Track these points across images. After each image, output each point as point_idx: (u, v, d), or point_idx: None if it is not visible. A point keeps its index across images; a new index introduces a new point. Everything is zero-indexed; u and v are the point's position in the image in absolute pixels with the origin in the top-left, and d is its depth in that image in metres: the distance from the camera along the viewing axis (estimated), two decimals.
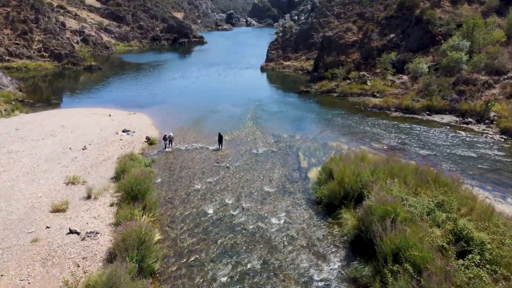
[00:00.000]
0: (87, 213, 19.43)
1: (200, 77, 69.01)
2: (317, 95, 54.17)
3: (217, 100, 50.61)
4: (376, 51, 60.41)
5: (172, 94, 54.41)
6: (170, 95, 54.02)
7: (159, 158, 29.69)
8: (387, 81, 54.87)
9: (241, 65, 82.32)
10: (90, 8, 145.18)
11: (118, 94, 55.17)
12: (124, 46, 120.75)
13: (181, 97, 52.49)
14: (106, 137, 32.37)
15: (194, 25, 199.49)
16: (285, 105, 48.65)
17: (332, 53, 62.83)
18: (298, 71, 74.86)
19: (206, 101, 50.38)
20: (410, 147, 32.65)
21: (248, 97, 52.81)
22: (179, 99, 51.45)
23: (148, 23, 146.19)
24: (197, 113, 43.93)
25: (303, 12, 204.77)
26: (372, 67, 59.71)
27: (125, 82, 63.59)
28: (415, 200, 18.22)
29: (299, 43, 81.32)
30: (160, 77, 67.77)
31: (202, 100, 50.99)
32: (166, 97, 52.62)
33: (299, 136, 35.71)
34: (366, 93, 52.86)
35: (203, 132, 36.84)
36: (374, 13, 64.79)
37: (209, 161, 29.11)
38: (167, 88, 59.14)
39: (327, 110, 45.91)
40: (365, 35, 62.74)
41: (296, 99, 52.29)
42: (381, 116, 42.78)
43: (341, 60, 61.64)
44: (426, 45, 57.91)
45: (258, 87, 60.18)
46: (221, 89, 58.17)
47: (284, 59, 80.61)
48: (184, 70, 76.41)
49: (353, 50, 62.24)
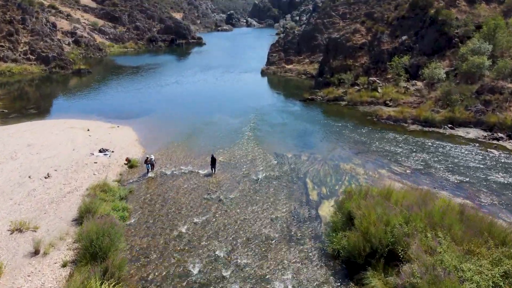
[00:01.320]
0: (28, 283, 14.42)
1: (196, 82, 64.03)
2: (323, 104, 49.15)
3: (213, 109, 45.63)
4: (386, 54, 55.40)
5: (164, 102, 49.41)
6: (162, 103, 49.02)
7: (138, 186, 24.70)
8: (400, 88, 49.86)
9: (240, 69, 77.34)
10: (85, 8, 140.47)
11: (104, 102, 50.19)
12: (118, 48, 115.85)
13: (173, 106, 47.49)
14: (78, 160, 27.37)
15: (193, 26, 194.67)
16: (288, 115, 43.64)
17: (339, 56, 57.82)
18: (301, 75, 69.86)
19: (201, 110, 45.40)
20: (437, 171, 27.62)
21: (247, 105, 47.83)
22: (171, 108, 46.45)
23: (145, 24, 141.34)
24: (190, 125, 38.95)
25: (304, 13, 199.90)
26: (383, 72, 54.71)
27: (114, 88, 58.62)
28: (474, 270, 13.22)
29: (302, 45, 76.34)
30: (152, 83, 62.78)
31: (197, 109, 46.01)
32: (157, 105, 47.62)
33: (306, 155, 30.70)
34: (378, 102, 47.85)
35: (195, 150, 31.84)
36: (384, 13, 59.80)
37: (198, 191, 24.12)
38: (159, 95, 54.14)
39: (336, 121, 40.89)
40: (374, 37, 57.75)
41: (300, 108, 47.27)
42: (397, 130, 37.74)
43: (349, 64, 56.64)
44: (442, 48, 52.90)
45: (258, 94, 55.20)
46: (218, 96, 53.18)
47: (286, 62, 75.63)
48: (179, 74, 71.43)
49: (362, 54, 57.24)
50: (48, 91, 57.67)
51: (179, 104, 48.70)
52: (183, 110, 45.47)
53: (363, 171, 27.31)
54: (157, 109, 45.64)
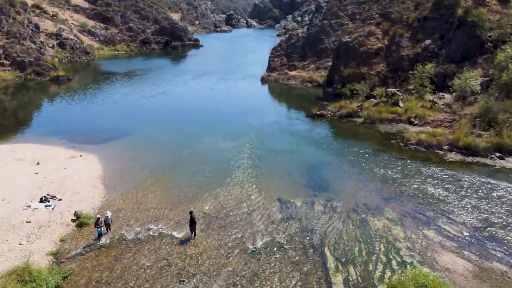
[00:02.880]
0: None
1: (187, 92, 56.21)
2: (335, 121, 41.33)
3: (204, 129, 37.88)
4: (407, 61, 47.63)
5: (145, 120, 41.61)
6: (143, 121, 41.23)
7: (81, 265, 16.91)
8: (425, 102, 42.06)
9: (238, 75, 69.55)
10: (76, 8, 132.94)
11: (75, 118, 42.41)
12: (109, 51, 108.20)
13: (156, 125, 39.70)
14: (2, 218, 19.57)
15: (192, 27, 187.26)
16: (293, 137, 35.82)
17: (351, 63, 50.03)
18: (306, 83, 62.07)
19: (189, 130, 37.64)
20: (506, 232, 19.81)
21: (245, 122, 40.05)
22: (152, 127, 38.66)
23: (139, 25, 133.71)
24: (172, 153, 31.16)
25: (306, 13, 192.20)
26: (403, 82, 46.92)
27: (91, 100, 50.84)
28: None
29: (306, 49, 68.54)
30: (136, 94, 54.98)
31: (184, 129, 38.24)
32: (136, 124, 39.82)
33: (321, 203, 22.89)
34: (400, 119, 40.06)
35: (173, 194, 24.06)
36: (402, 13, 52.01)
37: (167, 276, 16.35)
38: (141, 109, 46.34)
39: (353, 146, 33.08)
40: (392, 41, 49.95)
41: (308, 127, 39.48)
42: (432, 160, 29.88)
43: (363, 73, 48.87)
44: (472, 54, 45.12)
45: (258, 107, 47.38)
46: (211, 111, 45.37)
47: (289, 68, 67.83)
48: (170, 82, 63.62)
49: (378, 60, 49.45)
50: (14, 104, 49.85)
51: (164, 122, 40.89)
52: (167, 130, 37.68)
53: (403, 234, 19.51)
54: (136, 129, 37.83)
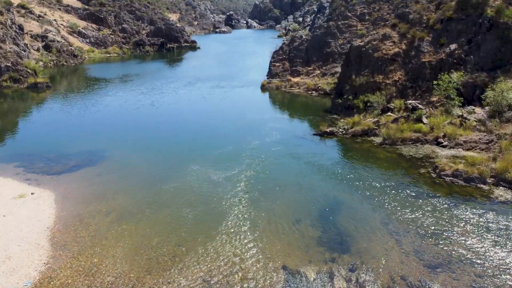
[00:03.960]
0: None
1: (177, 103, 49.93)
2: (348, 141, 35.05)
3: (192, 153, 31.64)
4: (429, 69, 41.37)
5: (125, 139, 35.37)
6: (122, 140, 34.98)
7: None
8: (453, 118, 35.82)
9: (236, 82, 63.30)
10: (67, 8, 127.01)
11: (42, 136, 36.18)
12: (100, 53, 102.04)
13: (136, 146, 33.45)
14: None
15: (190, 28, 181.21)
16: (300, 164, 29.54)
17: (364, 71, 43.77)
18: (311, 92, 55.83)
19: (174, 154, 31.39)
20: None
21: (241, 142, 33.78)
22: (131, 150, 32.40)
23: (133, 26, 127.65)
24: (148, 190, 24.92)
25: (308, 13, 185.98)
26: (425, 93, 40.66)
27: (66, 113, 44.62)
28: None
29: (311, 53, 62.29)
30: (120, 105, 48.72)
31: (168, 152, 31.98)
32: (113, 145, 33.55)
33: (342, 276, 16.61)
34: (426, 139, 33.80)
35: (138, 259, 17.79)
36: (421, 13, 45.71)
37: None
38: (122, 125, 40.08)
39: (374, 178, 26.81)
40: (411, 46, 43.66)
41: (317, 149, 33.22)
42: (478, 199, 23.55)
43: (377, 82, 42.62)
44: (506, 60, 38.82)
45: (257, 122, 41.11)
46: (201, 128, 39.12)
47: (292, 74, 61.60)
48: (160, 90, 57.36)
49: (395, 67, 43.18)
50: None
51: (146, 142, 34.61)
52: (149, 154, 31.39)
53: None
54: (112, 152, 31.55)
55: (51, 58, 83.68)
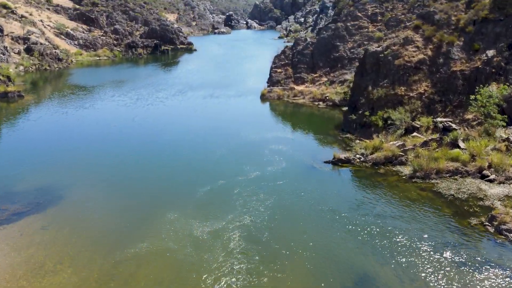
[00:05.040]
0: None
1: (162, 117, 43.09)
2: (368, 171, 28.17)
3: (169, 190, 24.85)
4: (461, 79, 34.55)
5: (89, 169, 28.45)
6: (84, 172, 28.10)
7: None
8: (498, 142, 29.01)
9: (233, 90, 56.49)
10: (56, 8, 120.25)
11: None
12: (88, 56, 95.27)
13: (100, 180, 26.57)
14: None
15: (188, 28, 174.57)
16: (311, 210, 22.70)
17: (383, 81, 36.93)
18: (318, 103, 49.03)
19: (146, 193, 24.54)
20: None
21: (234, 177, 26.90)
22: (92, 187, 25.53)
23: (126, 27, 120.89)
24: (102, 259, 18.08)
25: (310, 14, 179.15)
26: (457, 109, 33.82)
27: (29, 131, 37.86)
28: None
29: (317, 58, 55.46)
30: (95, 120, 41.90)
31: (139, 189, 25.13)
32: (71, 178, 26.69)
33: None
34: (466, 170, 26.95)
35: None
36: (450, 13, 38.85)
37: None
38: (91, 150, 33.19)
39: (409, 232, 19.98)
40: (438, 51, 36.83)
41: (330, 184, 26.35)
42: None
43: (399, 95, 35.80)
44: None
45: (255, 144, 34.24)
46: (186, 152, 32.27)
47: (296, 81, 54.77)
48: (145, 101, 50.49)
49: (419, 77, 36.33)
50: None
51: (116, 174, 27.73)
52: (115, 194, 24.55)
53: None
54: (67, 191, 24.68)
55: (33, 62, 76.90)
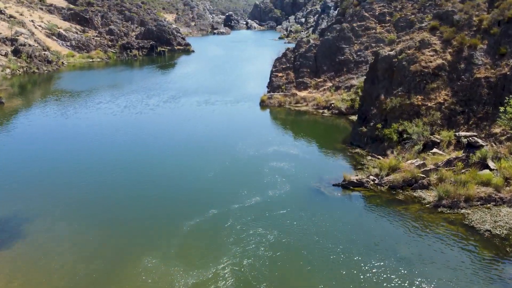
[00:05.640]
0: None
1: (150, 128, 39.10)
2: (384, 197, 24.17)
3: (149, 224, 20.85)
4: (486, 88, 30.52)
5: (59, 195, 24.44)
6: (53, 198, 24.07)
7: None
8: None
9: (230, 96, 52.52)
10: (50, 8, 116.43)
11: None
12: (81, 58, 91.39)
13: (70, 208, 22.60)
14: None
15: (186, 29, 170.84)
16: (320, 251, 18.70)
17: (397, 89, 32.92)
18: (322, 111, 45.07)
19: (121, 228, 20.54)
20: None
21: (228, 205, 22.89)
22: (60, 218, 21.51)
23: (122, 27, 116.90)
24: None
25: (311, 14, 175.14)
26: (482, 122, 29.81)
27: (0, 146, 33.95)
28: None
29: (321, 61, 51.49)
30: (76, 131, 37.94)
31: (114, 222, 21.11)
32: (36, 206, 22.69)
33: None
34: (501, 197, 22.94)
35: None
36: (471, 13, 34.86)
37: None
38: (65, 169, 29.21)
39: (448, 287, 16.03)
40: (458, 56, 32.82)
41: (342, 214, 22.33)
42: None
43: (416, 105, 31.79)
44: None
45: (253, 161, 30.22)
46: (173, 173, 28.24)
47: (298, 87, 50.80)
48: (133, 109, 46.48)
49: (438, 85, 32.31)
50: None
51: (88, 200, 23.73)
52: (85, 227, 20.55)
53: None
54: (29, 224, 20.69)
55: (20, 64, 72.99)
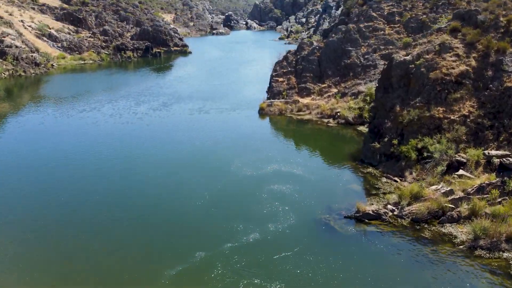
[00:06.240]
0: None
1: (135, 141, 34.99)
2: (406, 234, 20.08)
3: (118, 281, 16.85)
4: None
5: (17, 234, 20.50)
6: (18, 240, 20.13)
7: None
8: None
9: (226, 102, 48.45)
10: (42, 8, 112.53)
11: None
12: (73, 60, 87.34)
13: (25, 254, 18.63)
14: None
15: (185, 29, 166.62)
16: None
17: (415, 100, 28.83)
18: (327, 120, 41.02)
19: (90, 282, 16.56)
20: None
21: (221, 244, 18.86)
22: (25, 270, 17.58)
23: (116, 27, 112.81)
24: None
25: (312, 14, 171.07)
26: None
27: None
28: None
29: (325, 65, 47.42)
30: (51, 145, 33.87)
31: (80, 272, 17.15)
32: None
33: None
34: None
35: None
36: (497, 13, 30.80)
37: None
38: (33, 197, 25.20)
39: None
40: (485, 61, 28.78)
41: (355, 257, 18.28)
42: None
43: (437, 117, 27.73)
44: None
45: (251, 184, 26.13)
46: (153, 202, 24.12)
47: (300, 93, 46.74)
48: (119, 118, 42.42)
49: (462, 95, 28.24)
50: None
51: (51, 241, 19.72)
52: (45, 280, 16.57)
53: None
54: None
55: (6, 67, 68.96)
